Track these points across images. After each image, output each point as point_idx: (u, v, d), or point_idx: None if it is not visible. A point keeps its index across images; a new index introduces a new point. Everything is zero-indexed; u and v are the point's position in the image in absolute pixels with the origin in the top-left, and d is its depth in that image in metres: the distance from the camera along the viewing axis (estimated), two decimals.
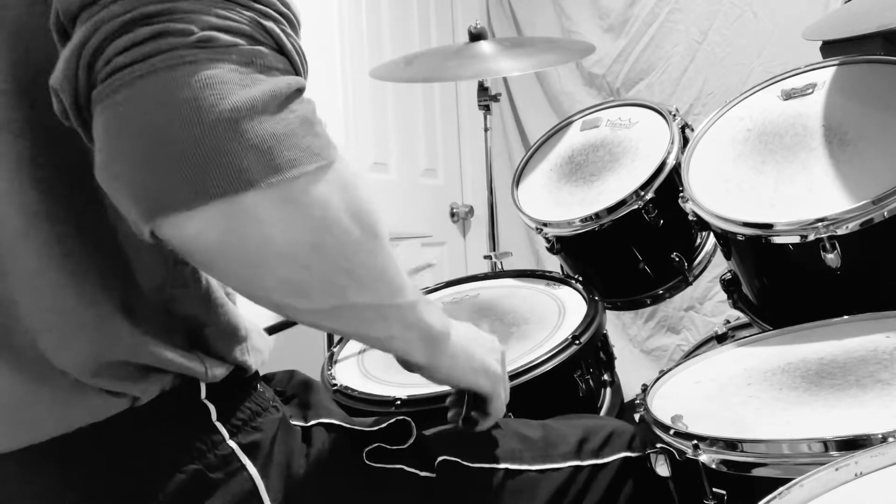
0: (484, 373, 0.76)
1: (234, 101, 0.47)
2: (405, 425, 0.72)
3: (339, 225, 0.54)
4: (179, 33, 0.47)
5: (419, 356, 0.69)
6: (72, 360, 0.56)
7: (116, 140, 0.48)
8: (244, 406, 0.64)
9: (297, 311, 0.58)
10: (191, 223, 0.48)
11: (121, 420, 0.58)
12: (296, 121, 0.50)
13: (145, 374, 0.58)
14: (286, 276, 0.53)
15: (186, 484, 0.58)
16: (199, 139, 0.46)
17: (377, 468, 0.70)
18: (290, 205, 0.50)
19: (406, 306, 0.63)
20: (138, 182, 0.48)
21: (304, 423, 0.70)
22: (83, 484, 0.58)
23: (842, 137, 1.01)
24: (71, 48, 0.48)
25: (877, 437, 0.64)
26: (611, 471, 0.79)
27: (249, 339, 0.67)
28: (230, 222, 0.49)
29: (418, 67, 1.70)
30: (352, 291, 0.57)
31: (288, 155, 0.49)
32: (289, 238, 0.52)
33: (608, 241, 1.29)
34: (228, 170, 0.47)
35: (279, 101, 0.50)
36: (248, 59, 0.49)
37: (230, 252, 0.51)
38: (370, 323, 0.62)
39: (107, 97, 0.47)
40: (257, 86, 0.48)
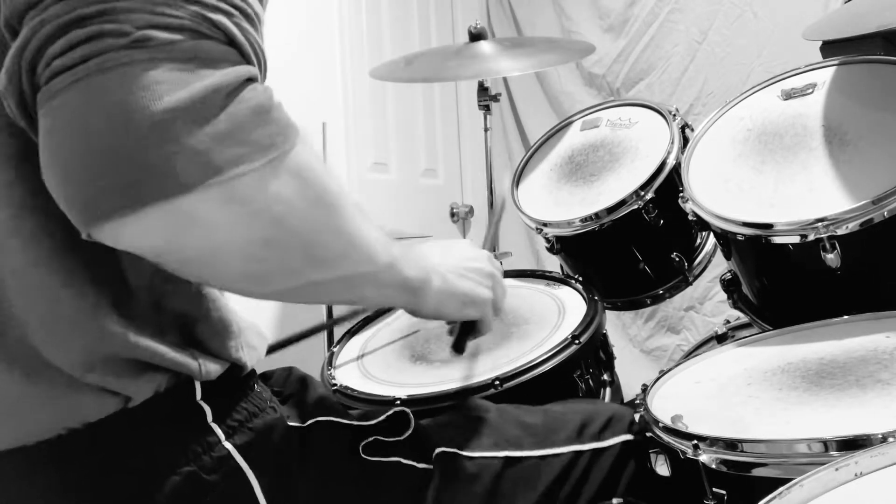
0: (472, 304, 0.79)
1: (168, 102, 0.46)
2: (403, 417, 0.72)
3: (295, 215, 0.53)
4: (115, 34, 0.46)
5: (400, 303, 0.72)
6: (64, 355, 0.56)
7: (52, 146, 0.47)
8: (240, 407, 0.64)
9: (258, 295, 0.58)
10: (128, 230, 0.48)
11: (114, 421, 0.58)
12: (244, 112, 0.49)
13: (138, 372, 0.58)
14: (242, 269, 0.53)
15: (181, 486, 0.58)
16: (129, 144, 0.45)
17: (374, 462, 0.69)
18: (235, 205, 0.49)
19: (378, 271, 0.63)
20: (71, 190, 0.47)
21: (302, 424, 0.70)
22: (77, 485, 0.57)
23: (842, 137, 1.01)
24: (13, 51, 0.48)
25: (877, 437, 0.64)
26: (612, 454, 0.79)
27: (243, 335, 0.66)
28: (169, 227, 0.48)
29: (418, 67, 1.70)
30: (311, 272, 0.57)
31: (230, 153, 0.48)
32: (237, 237, 0.51)
33: (608, 241, 1.29)
34: (161, 175, 0.46)
35: (223, 94, 0.48)
36: (190, 55, 0.48)
37: (177, 254, 0.51)
38: (338, 293, 0.63)
39: (46, 102, 0.47)
40: (198, 82, 0.47)
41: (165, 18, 0.47)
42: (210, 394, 0.62)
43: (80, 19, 0.46)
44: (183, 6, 0.48)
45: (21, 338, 0.56)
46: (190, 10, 0.48)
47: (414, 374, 1.05)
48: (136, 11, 0.47)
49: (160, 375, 0.59)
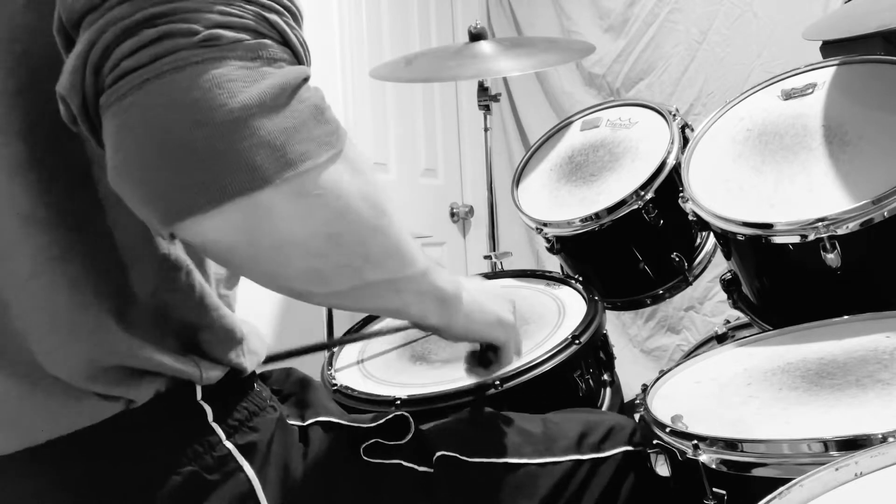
0: (499, 324, 0.80)
1: (242, 99, 0.47)
2: (403, 421, 0.72)
3: (353, 210, 0.55)
4: (184, 34, 0.47)
5: (435, 319, 0.71)
6: (64, 364, 0.56)
7: (128, 145, 0.48)
8: (241, 406, 0.64)
9: (316, 296, 0.59)
10: (209, 224, 0.49)
11: (116, 423, 0.58)
12: (306, 111, 0.51)
13: (140, 378, 0.58)
14: (305, 266, 0.55)
15: (183, 486, 0.58)
16: (211, 140, 0.47)
17: (375, 464, 0.70)
18: (305, 198, 0.51)
19: (418, 275, 0.65)
20: (153, 187, 0.48)
21: (302, 423, 0.70)
22: (79, 486, 0.57)
23: (842, 137, 1.01)
24: (76, 53, 0.48)
25: (877, 437, 0.64)
26: (612, 465, 0.79)
27: (246, 341, 0.67)
28: (248, 220, 0.49)
29: (418, 67, 1.70)
30: (368, 271, 0.58)
31: (300, 148, 0.49)
32: (306, 230, 0.52)
33: (608, 241, 1.29)
34: (243, 169, 0.47)
35: (288, 93, 0.50)
36: (255, 54, 0.49)
37: (250, 248, 0.52)
38: (386, 297, 0.63)
39: (115, 102, 0.47)
40: (265, 80, 0.49)
41: (230, 18, 0.49)
42: (210, 394, 0.62)
43: (147, 19, 0.47)
44: (244, 6, 0.50)
45: (22, 347, 0.56)
46: (250, 10, 0.50)
47: (414, 375, 1.05)
48: (202, 11, 0.48)
49: (161, 380, 0.60)
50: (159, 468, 0.58)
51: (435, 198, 2.64)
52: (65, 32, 0.50)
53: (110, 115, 0.48)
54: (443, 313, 0.71)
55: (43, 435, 0.57)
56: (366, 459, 0.69)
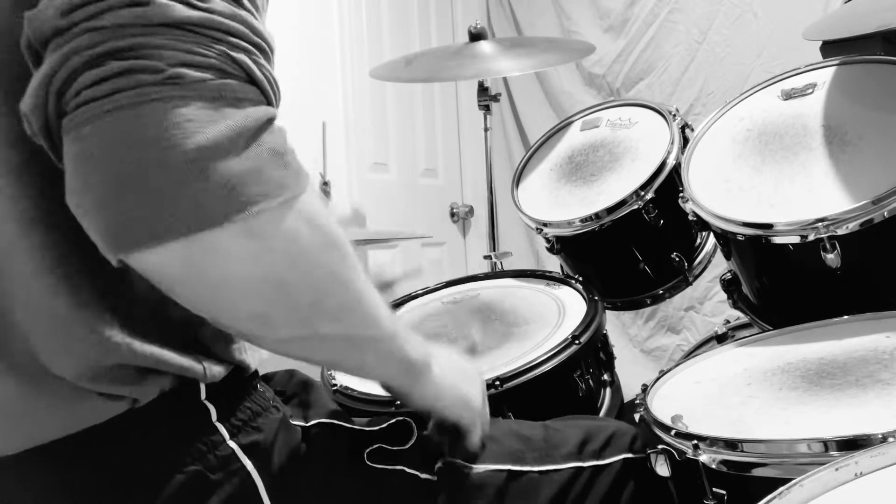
0: (465, 406, 0.75)
1: (198, 141, 0.47)
2: (406, 426, 0.72)
3: (307, 259, 0.55)
4: (148, 70, 0.47)
5: (397, 384, 0.70)
6: (68, 365, 0.56)
7: (83, 173, 0.48)
8: (244, 406, 0.64)
9: (263, 340, 0.59)
10: (154, 258, 0.49)
11: (120, 422, 0.58)
12: (264, 153, 0.51)
13: (143, 377, 0.58)
14: (252, 309, 0.54)
15: (186, 485, 0.58)
16: (162, 179, 0.47)
17: (378, 469, 0.70)
18: (254, 240, 0.51)
19: (382, 338, 0.64)
20: (104, 217, 0.49)
21: (305, 423, 0.70)
22: (83, 486, 0.58)
23: (842, 137, 1.01)
24: (41, 75, 0.49)
25: (877, 437, 0.64)
26: (612, 472, 0.79)
27: None
28: (192, 258, 0.50)
29: (418, 67, 1.70)
30: (321, 323, 0.58)
31: (253, 190, 0.50)
32: (252, 273, 0.52)
33: (608, 241, 1.29)
34: (190, 210, 0.48)
35: (247, 136, 0.50)
36: (216, 94, 0.49)
37: (193, 285, 0.52)
38: (341, 353, 0.63)
39: (74, 129, 0.48)
40: (224, 121, 0.49)
41: (196, 57, 0.49)
42: (214, 393, 0.62)
43: (113, 51, 0.48)
44: (211, 45, 0.50)
45: (25, 347, 0.56)
46: (217, 50, 0.50)
47: None
48: (168, 48, 0.48)
49: (165, 379, 0.60)
50: (163, 467, 0.58)
51: (435, 198, 2.64)
52: (33, 50, 0.50)
53: (69, 141, 0.48)
54: (407, 381, 0.69)
55: (47, 435, 0.57)
56: (369, 464, 0.69)
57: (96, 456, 0.58)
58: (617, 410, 1.11)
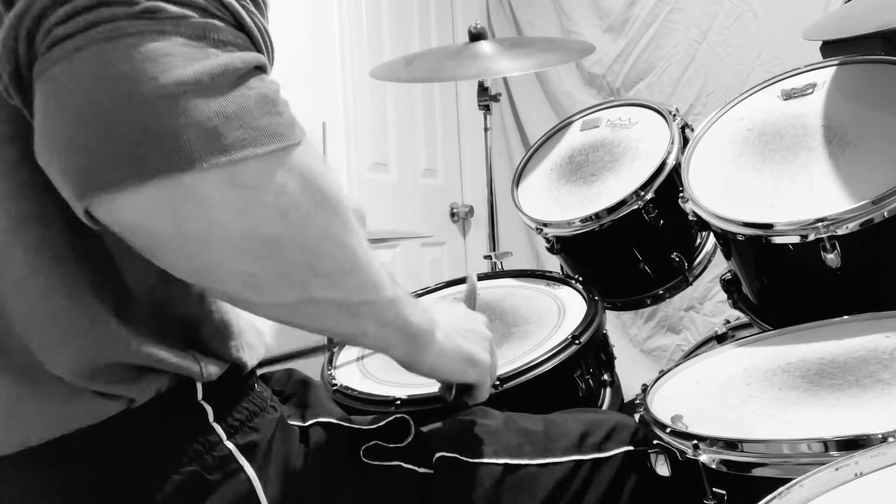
0: (472, 365, 0.74)
1: (176, 75, 0.44)
2: (404, 424, 0.72)
3: (299, 215, 0.51)
4: (122, 3, 0.45)
5: (399, 353, 0.67)
6: (65, 363, 0.55)
7: (51, 115, 0.46)
8: (241, 406, 0.64)
9: (253, 305, 0.55)
10: (126, 203, 0.46)
11: (117, 422, 0.57)
12: (252, 98, 0.48)
13: (140, 376, 0.58)
14: (238, 268, 0.51)
15: (183, 485, 0.58)
16: (135, 114, 0.44)
17: (375, 466, 0.69)
18: (239, 189, 0.47)
19: (381, 303, 0.61)
20: (70, 159, 0.45)
21: (302, 423, 0.70)
22: (80, 486, 0.57)
23: (842, 137, 1.01)
24: (11, 17, 0.46)
25: (877, 437, 0.64)
26: (613, 465, 0.79)
27: (243, 335, 0.66)
28: (169, 205, 0.46)
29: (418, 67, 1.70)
30: (315, 287, 0.54)
31: (237, 135, 0.46)
32: (238, 227, 0.48)
33: (608, 241, 1.29)
34: (166, 147, 0.45)
35: (232, 77, 0.47)
36: (200, 33, 0.46)
37: (173, 238, 0.48)
38: (337, 319, 0.59)
39: (44, 71, 0.45)
40: (207, 60, 0.46)
41: None
42: (211, 394, 0.62)
43: None
44: None
45: (21, 346, 0.56)
46: None
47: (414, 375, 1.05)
48: None
49: (162, 378, 0.59)
50: (160, 468, 0.58)
51: (435, 198, 2.64)
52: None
53: (39, 84, 0.45)
54: (409, 349, 0.67)
55: (43, 435, 0.56)
56: (366, 461, 0.69)
57: (92, 457, 0.57)
58: (617, 410, 1.11)
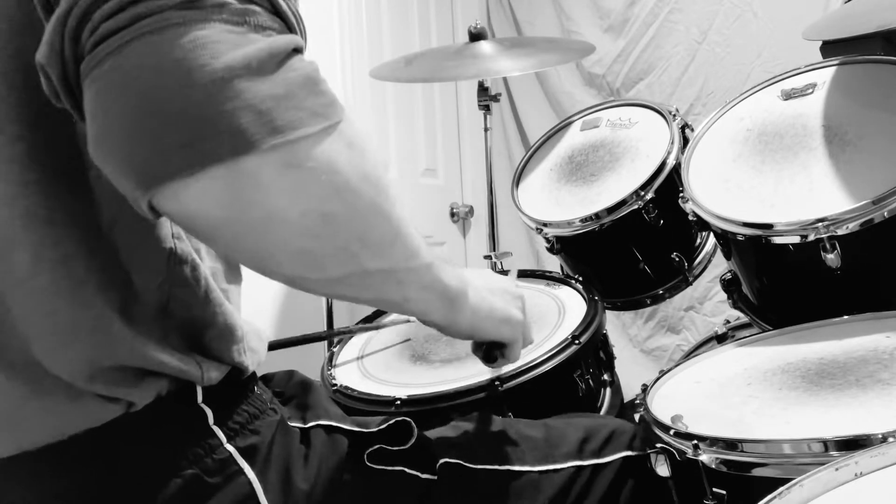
0: (506, 322, 0.77)
1: (227, 61, 0.45)
2: (406, 426, 0.72)
3: (350, 189, 0.52)
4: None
5: (438, 316, 0.69)
6: (66, 365, 0.55)
7: (105, 111, 0.46)
8: (241, 409, 0.64)
9: (310, 282, 0.56)
10: (189, 192, 0.46)
11: (117, 425, 0.57)
12: (297, 80, 0.48)
13: (141, 379, 0.58)
14: (298, 247, 0.52)
15: (184, 489, 0.58)
16: (191, 101, 0.44)
17: (378, 470, 0.69)
18: (296, 169, 0.48)
19: (421, 268, 0.62)
20: (130, 152, 0.46)
21: (303, 425, 0.69)
22: (80, 489, 0.57)
23: (842, 137, 1.01)
24: (56, 18, 0.46)
25: (877, 437, 0.64)
26: (612, 470, 0.79)
27: (246, 339, 0.66)
28: (232, 190, 0.47)
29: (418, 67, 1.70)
30: (366, 258, 0.55)
31: (289, 116, 0.47)
32: (297, 206, 0.49)
33: (608, 241, 1.29)
34: (225, 132, 0.45)
35: (277, 60, 0.48)
36: (241, 19, 0.47)
37: (235, 223, 0.49)
38: (386, 288, 0.60)
39: (94, 68, 0.45)
40: (251, 45, 0.46)
41: None
42: (211, 397, 0.62)
43: None
44: None
45: (23, 348, 0.55)
46: None
47: (414, 375, 1.05)
48: None
49: (162, 381, 0.59)
50: (160, 471, 0.58)
51: (435, 198, 2.64)
52: (46, 3, 0.48)
53: (89, 83, 0.46)
54: (447, 311, 0.69)
55: (42, 438, 0.56)
56: (369, 465, 0.69)
57: (91, 460, 0.57)
58: (617, 410, 1.11)
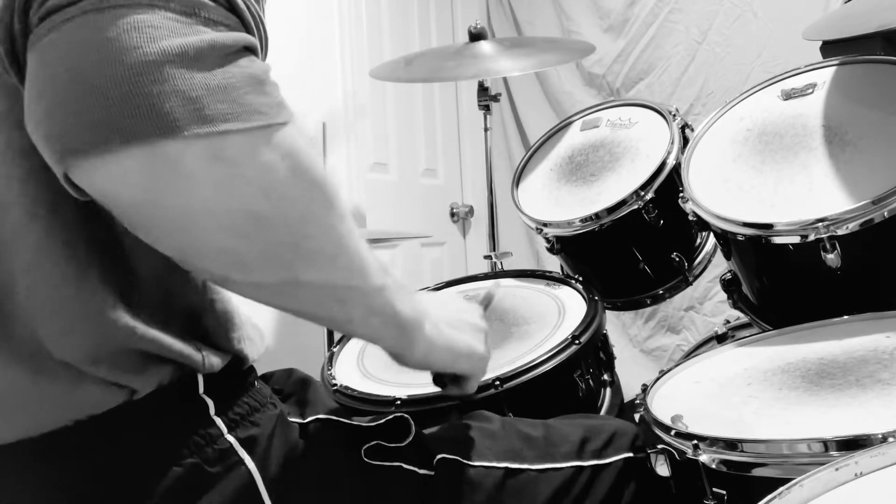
0: (465, 357, 0.74)
1: (162, 46, 0.45)
2: (404, 423, 0.72)
3: (284, 194, 0.51)
4: None
5: (388, 343, 0.67)
6: (71, 348, 0.56)
7: (37, 82, 0.46)
8: (242, 401, 0.64)
9: (238, 285, 0.55)
10: (106, 170, 0.46)
11: (118, 413, 0.58)
12: (239, 75, 0.48)
13: (143, 364, 0.58)
14: (222, 244, 0.51)
15: (184, 478, 0.58)
16: (118, 79, 0.45)
17: (376, 465, 0.69)
18: (222, 163, 0.48)
19: (369, 290, 0.60)
20: (51, 124, 0.46)
21: (302, 420, 0.70)
22: (81, 477, 0.58)
23: (842, 137, 1.01)
24: None
25: (877, 437, 0.64)
26: (613, 471, 0.79)
27: (244, 328, 0.67)
28: (151, 172, 0.46)
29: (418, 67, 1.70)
30: (300, 268, 0.54)
31: (221, 107, 0.47)
32: (221, 201, 0.49)
33: (608, 242, 1.29)
34: (147, 113, 0.45)
35: (220, 54, 0.47)
36: (190, 10, 0.47)
37: (155, 208, 0.48)
38: (325, 304, 0.59)
39: (36, 42, 0.46)
40: (194, 35, 0.46)
41: None
42: (212, 387, 0.62)
43: None
44: None
45: (28, 333, 0.56)
46: None
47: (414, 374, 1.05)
48: None
49: (165, 368, 0.60)
50: (160, 460, 0.58)
51: (435, 198, 2.64)
52: None
53: (31, 55, 0.46)
54: (397, 339, 0.66)
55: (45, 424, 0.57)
56: (366, 461, 0.69)
57: (93, 448, 0.58)
58: (617, 410, 1.11)
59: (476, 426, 0.79)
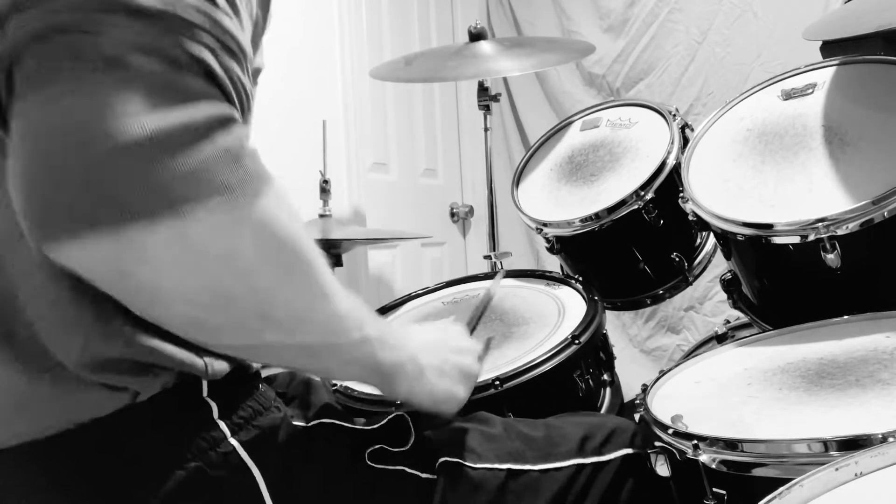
0: (444, 403, 0.74)
1: (133, 131, 0.45)
2: (404, 424, 0.72)
3: (251, 269, 0.51)
4: (91, 50, 0.46)
5: (371, 383, 0.69)
6: (71, 355, 0.56)
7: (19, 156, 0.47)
8: (246, 405, 0.65)
9: (211, 345, 0.57)
10: (76, 253, 0.47)
11: (121, 416, 0.58)
12: (213, 153, 0.48)
13: (145, 371, 0.59)
14: (191, 315, 0.52)
15: (187, 481, 0.59)
16: (88, 166, 0.45)
17: (379, 469, 0.70)
18: (186, 245, 0.48)
19: (345, 346, 0.61)
20: (29, 204, 0.47)
21: (306, 423, 0.70)
22: (85, 478, 0.58)
23: (842, 137, 1.01)
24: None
25: (877, 437, 0.64)
26: (613, 468, 0.79)
27: None
28: (118, 256, 0.47)
29: (418, 67, 1.70)
30: (269, 333, 0.55)
31: (189, 191, 0.47)
32: (186, 280, 0.49)
33: (608, 242, 1.29)
34: (112, 201, 0.45)
35: (193, 132, 0.47)
36: (164, 86, 0.47)
37: (123, 286, 0.50)
38: (298, 359, 0.61)
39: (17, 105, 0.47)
40: (169, 115, 0.46)
41: (146, 43, 0.47)
42: (216, 391, 0.62)
43: (60, 27, 0.46)
44: (167, 35, 0.48)
45: (30, 337, 0.56)
46: (173, 40, 0.48)
47: None
48: (119, 28, 0.46)
49: (167, 374, 0.60)
50: (163, 463, 0.59)
51: (435, 198, 2.64)
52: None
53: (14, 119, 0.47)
54: (379, 382, 0.68)
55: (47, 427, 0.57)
56: (369, 464, 0.70)
57: (98, 449, 0.58)
58: (617, 410, 1.11)
59: (477, 428, 0.79)
